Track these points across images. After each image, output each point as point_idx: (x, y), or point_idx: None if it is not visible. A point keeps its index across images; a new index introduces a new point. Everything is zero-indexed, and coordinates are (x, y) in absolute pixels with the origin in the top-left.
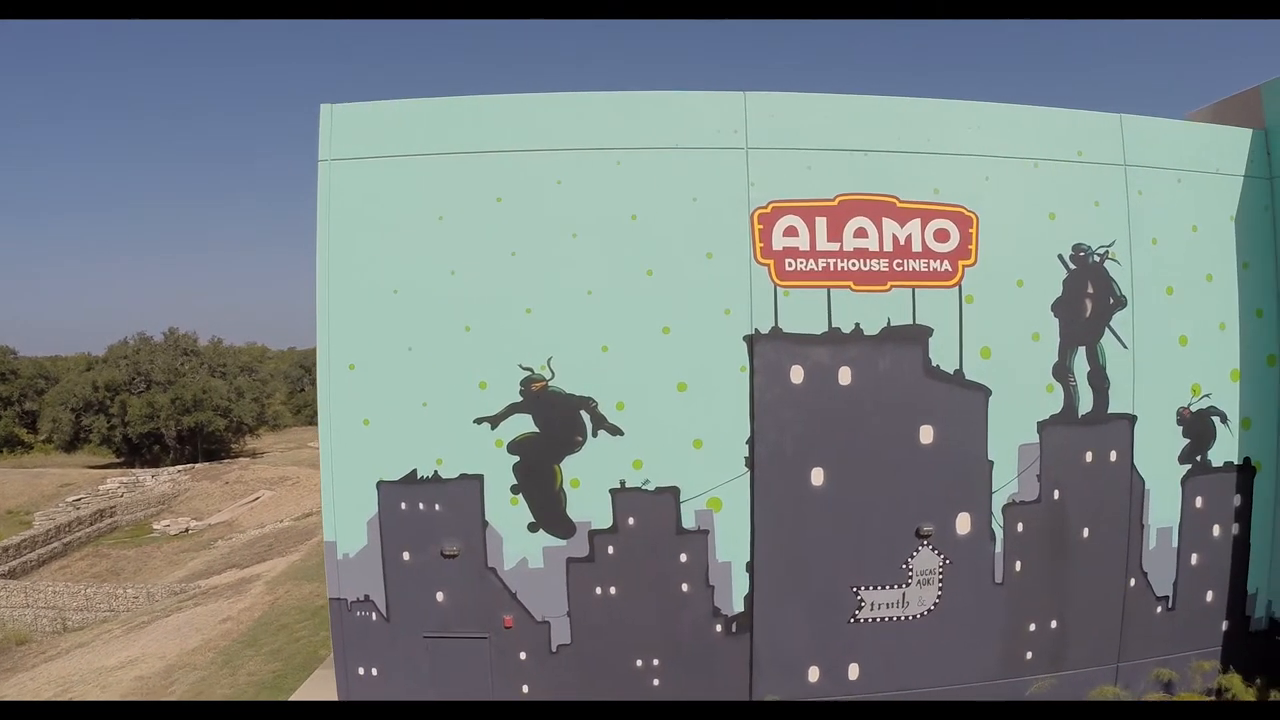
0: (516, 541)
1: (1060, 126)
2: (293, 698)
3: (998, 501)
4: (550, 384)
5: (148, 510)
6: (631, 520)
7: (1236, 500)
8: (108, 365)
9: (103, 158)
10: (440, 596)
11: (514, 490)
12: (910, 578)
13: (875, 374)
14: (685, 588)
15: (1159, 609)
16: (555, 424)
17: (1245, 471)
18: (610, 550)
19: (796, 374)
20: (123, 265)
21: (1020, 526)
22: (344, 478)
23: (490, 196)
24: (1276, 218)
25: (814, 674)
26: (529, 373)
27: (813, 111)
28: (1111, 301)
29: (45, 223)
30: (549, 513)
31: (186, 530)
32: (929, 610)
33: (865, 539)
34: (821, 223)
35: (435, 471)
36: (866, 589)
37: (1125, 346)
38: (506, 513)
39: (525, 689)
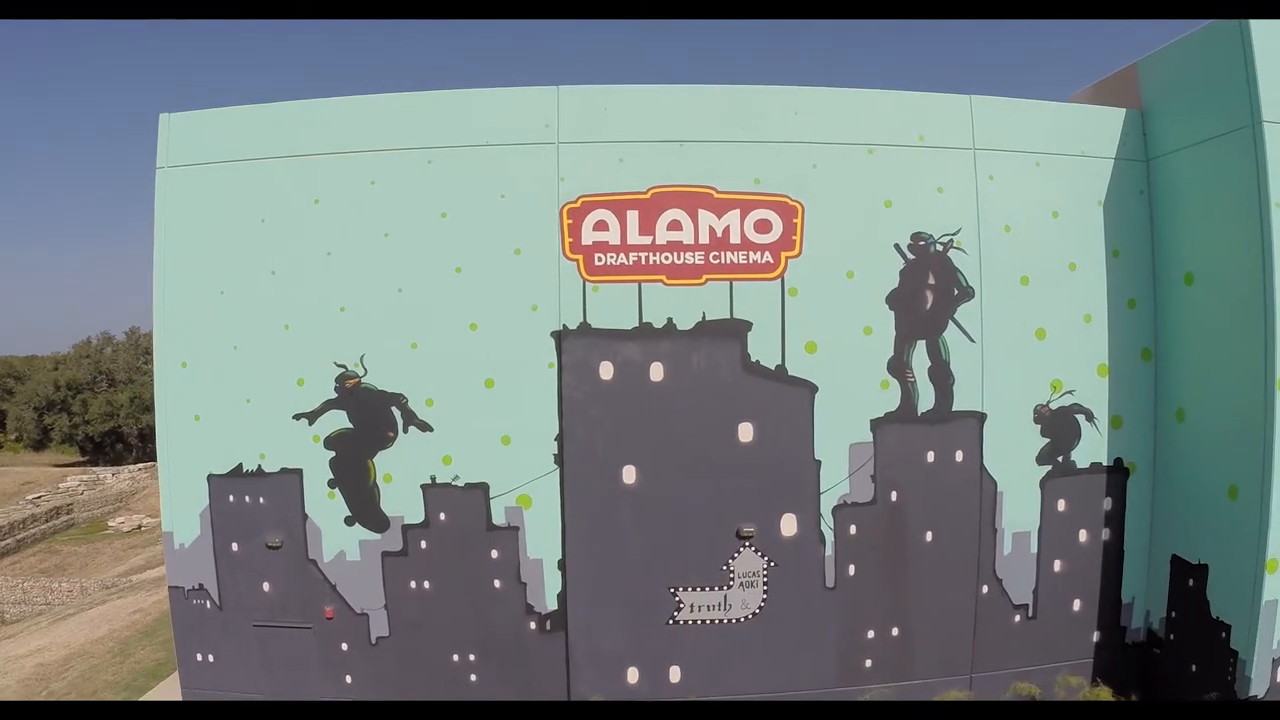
0: (335, 534)
1: (900, 110)
2: (159, 685)
3: (827, 503)
4: (363, 381)
5: (105, 508)
6: (443, 515)
7: (1107, 504)
8: (69, 364)
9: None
10: (267, 586)
11: (331, 484)
12: (732, 580)
13: (689, 370)
14: (498, 584)
15: (1017, 618)
16: (368, 420)
17: (1116, 473)
18: (423, 545)
19: (606, 370)
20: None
21: (853, 529)
22: (178, 471)
23: (309, 199)
24: (1153, 202)
25: (633, 675)
26: (343, 370)
27: (627, 103)
28: (956, 293)
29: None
30: (364, 507)
31: (139, 527)
32: (754, 614)
33: (682, 539)
34: (633, 216)
35: (259, 465)
36: (685, 590)
37: (972, 340)
38: (325, 506)
39: (348, 679)
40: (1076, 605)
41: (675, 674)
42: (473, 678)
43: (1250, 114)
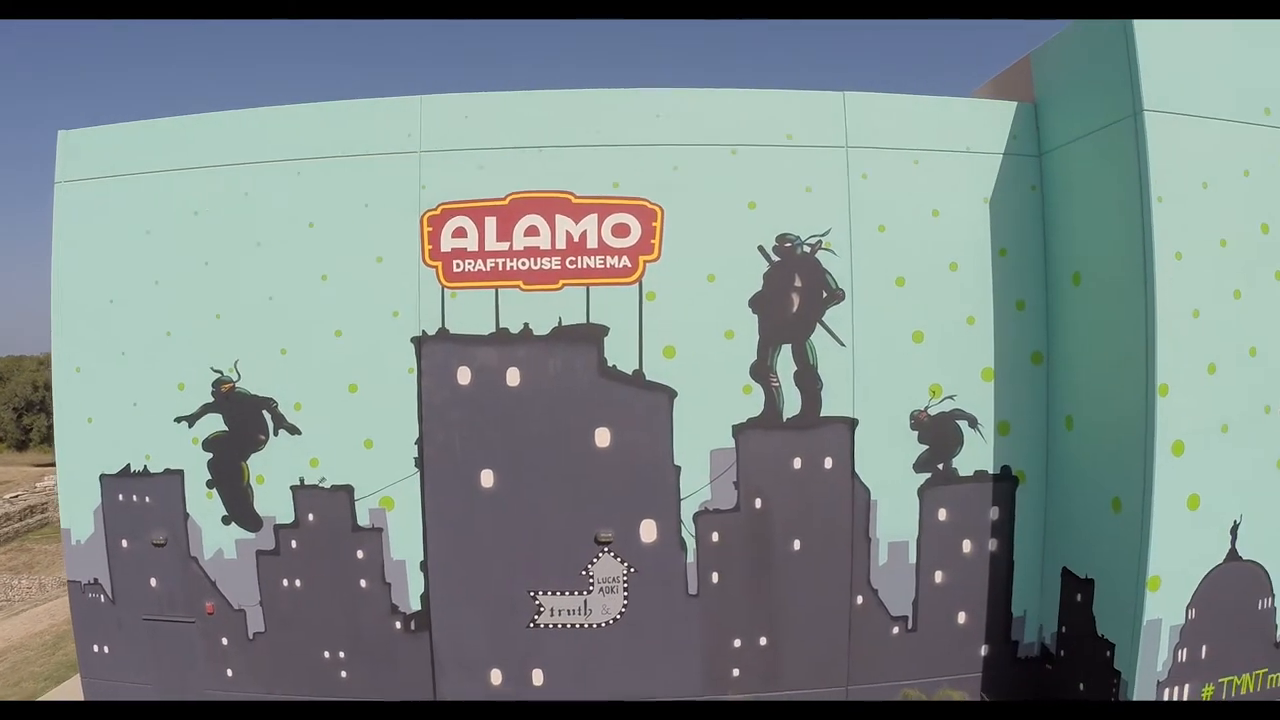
0: (213, 533)
1: (766, 109)
2: (75, 677)
3: (688, 509)
4: (237, 385)
5: None
6: (311, 516)
7: (994, 513)
8: (50, 364)
9: None
10: (154, 582)
11: (209, 485)
12: (592, 585)
13: (545, 375)
14: (364, 584)
15: (896, 629)
16: (241, 423)
17: (1004, 481)
18: (294, 544)
19: (464, 375)
20: None
21: (716, 536)
22: (74, 470)
23: (189, 210)
24: (1047, 198)
25: (496, 677)
26: (219, 375)
27: (488, 110)
28: (825, 295)
29: None
30: (238, 507)
31: None
32: (615, 619)
33: (540, 543)
34: (491, 222)
35: (145, 466)
36: (545, 594)
37: (842, 344)
38: (204, 506)
39: (229, 673)
40: (962, 618)
41: (538, 676)
42: (343, 674)
43: (1132, 103)
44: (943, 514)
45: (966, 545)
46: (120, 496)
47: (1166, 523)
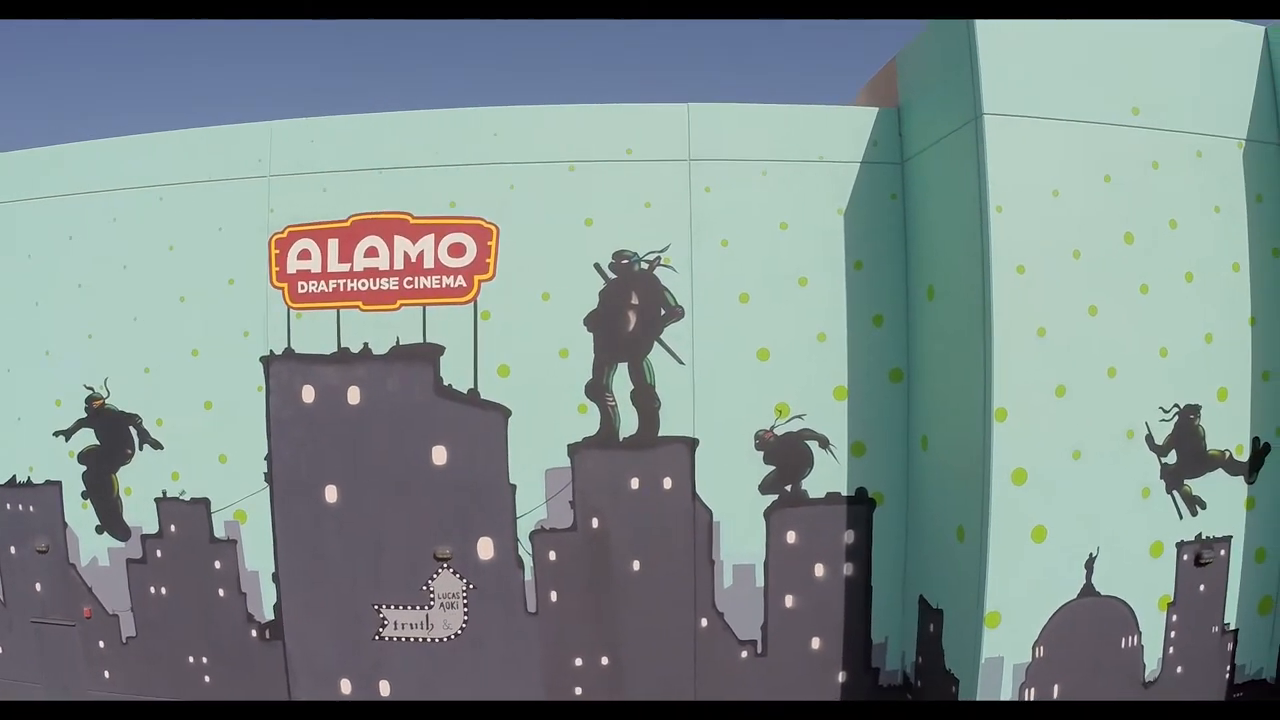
0: (89, 541)
1: (605, 124)
2: None
3: (524, 527)
4: (107, 402)
5: None
6: (173, 527)
7: (849, 537)
8: None
9: None
10: (39, 586)
11: (84, 496)
12: (433, 600)
13: (384, 393)
14: (222, 593)
15: (744, 654)
16: (111, 438)
17: (859, 504)
18: (159, 554)
19: (308, 393)
20: None
21: (552, 555)
22: None
23: (65, 235)
24: (909, 208)
25: (346, 686)
26: (91, 391)
27: (332, 133)
28: (664, 313)
29: None
30: (109, 517)
31: None
32: (456, 634)
33: (382, 558)
34: (334, 244)
35: (29, 477)
36: (388, 608)
37: (681, 362)
38: (80, 516)
39: (107, 675)
40: (816, 644)
41: (385, 688)
42: (207, 679)
43: (973, 107)
44: (792, 537)
45: (819, 569)
46: (8, 506)
47: (1007, 555)
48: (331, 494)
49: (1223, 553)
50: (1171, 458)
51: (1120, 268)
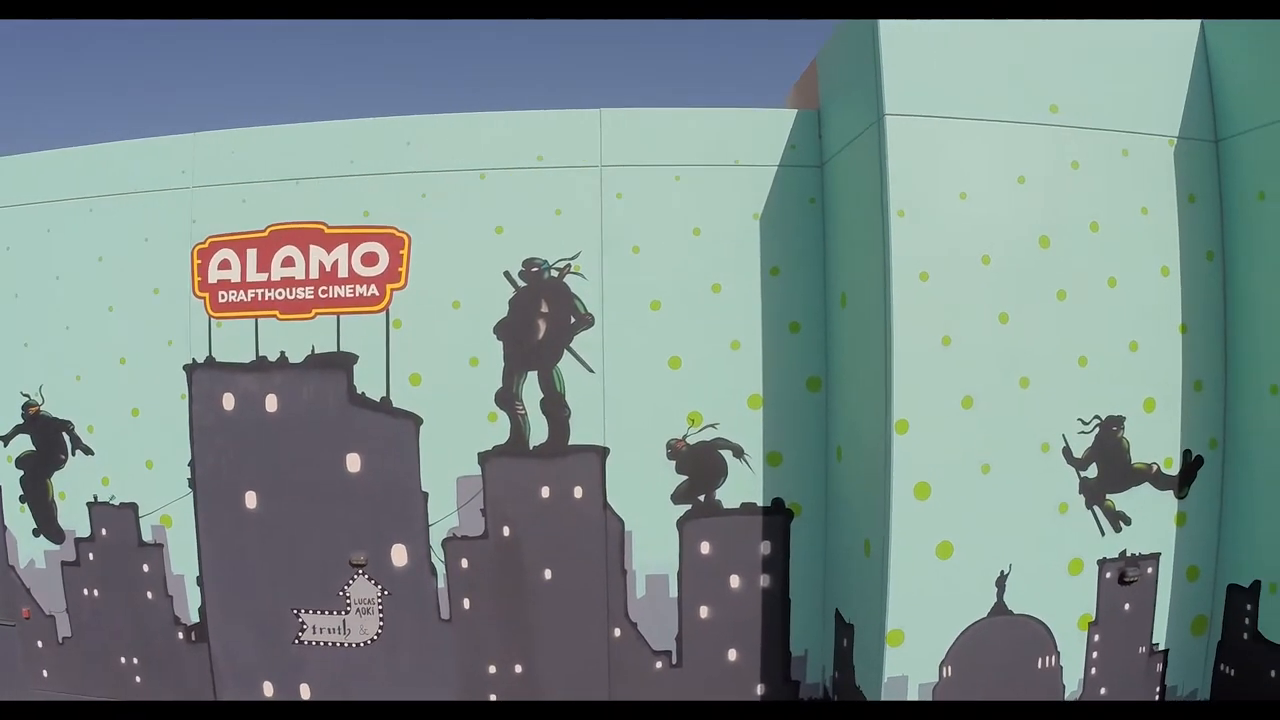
0: (26, 544)
1: (516, 131)
2: None
3: (436, 534)
4: (42, 409)
5: None
6: (104, 531)
7: (765, 548)
8: None
9: None
10: None
11: (21, 500)
12: (349, 605)
13: (300, 401)
14: (150, 595)
15: (659, 664)
16: (46, 444)
17: (776, 515)
18: (91, 557)
19: (228, 401)
20: None
21: (465, 563)
22: None
23: (3, 246)
24: (828, 212)
25: (269, 689)
26: (27, 398)
27: (252, 144)
28: (573, 320)
29: None
30: (45, 521)
31: None
32: (373, 639)
33: (300, 563)
34: (253, 254)
35: None
36: (306, 612)
37: (591, 371)
38: (19, 519)
39: (45, 674)
40: (733, 655)
41: (305, 691)
42: (137, 679)
43: (876, 108)
44: (706, 547)
45: (735, 580)
46: None
47: (909, 572)
48: (251, 500)
49: (1150, 570)
50: (1092, 471)
51: (1035, 273)
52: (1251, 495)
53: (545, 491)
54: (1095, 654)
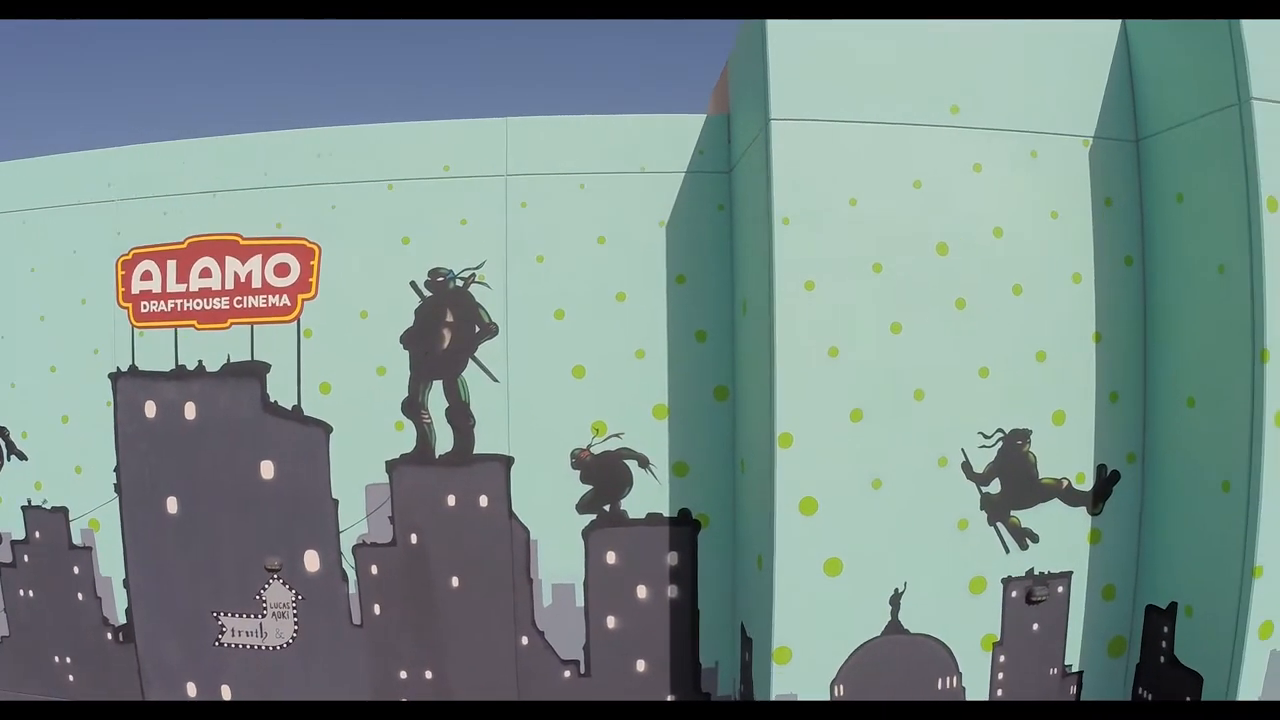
0: None
1: (424, 141)
2: None
3: (347, 541)
4: None
5: None
6: (38, 534)
7: (672, 559)
8: None
9: None
10: None
11: None
12: (265, 609)
13: (217, 409)
14: (80, 597)
15: (567, 673)
16: None
17: (682, 525)
18: (26, 558)
19: (150, 409)
20: None
21: (375, 569)
22: None
23: None
24: (736, 218)
25: (192, 689)
26: None
27: (171, 158)
28: (478, 330)
29: None
30: None
31: None
32: (288, 643)
33: (219, 567)
34: (172, 265)
35: None
36: (226, 615)
37: (496, 380)
38: None
39: None
40: (641, 666)
41: (226, 692)
42: (71, 678)
43: (764, 113)
44: (612, 557)
45: (642, 591)
46: None
47: (796, 588)
48: (173, 505)
49: (1060, 589)
50: (994, 487)
51: (931, 281)
52: (1168, 513)
53: (451, 500)
54: (1001, 675)
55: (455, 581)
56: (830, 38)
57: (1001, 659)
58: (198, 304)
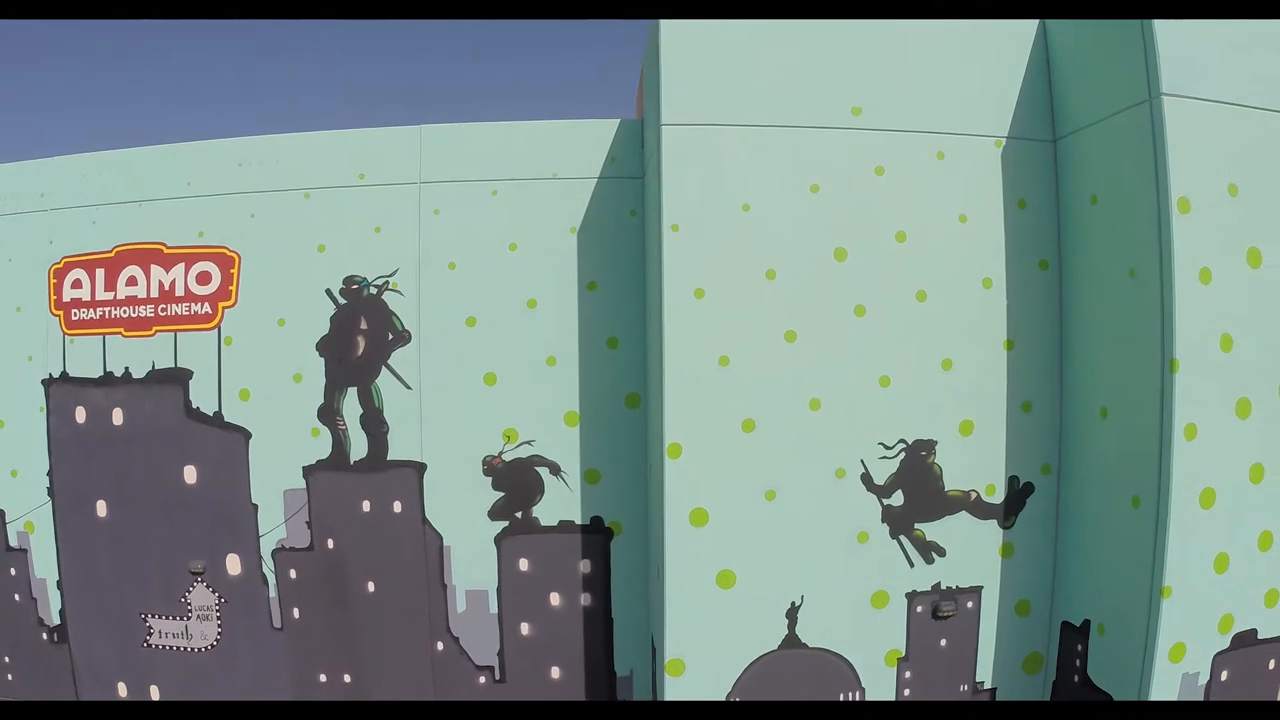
0: None
1: (340, 149)
2: None
3: (267, 545)
4: None
5: None
6: None
7: (584, 566)
8: None
9: None
10: None
11: None
12: (190, 611)
13: (143, 415)
14: (17, 598)
15: (483, 679)
16: None
17: (595, 533)
18: None
19: (80, 414)
20: None
21: (293, 573)
22: None
23: None
24: (649, 223)
25: (123, 689)
26: None
27: (101, 167)
28: (391, 337)
29: None
30: None
31: None
32: (213, 645)
33: (146, 570)
34: (101, 274)
35: None
36: (153, 617)
37: (409, 387)
38: None
39: None
40: (556, 673)
41: (155, 692)
42: (10, 677)
43: (658, 117)
44: (524, 564)
45: (555, 598)
46: None
47: (688, 600)
48: (102, 509)
49: (970, 604)
50: (897, 499)
51: (828, 288)
52: (1082, 528)
53: (366, 506)
54: (907, 691)
55: (371, 586)
56: (727, 39)
57: (907, 675)
58: (124, 311)
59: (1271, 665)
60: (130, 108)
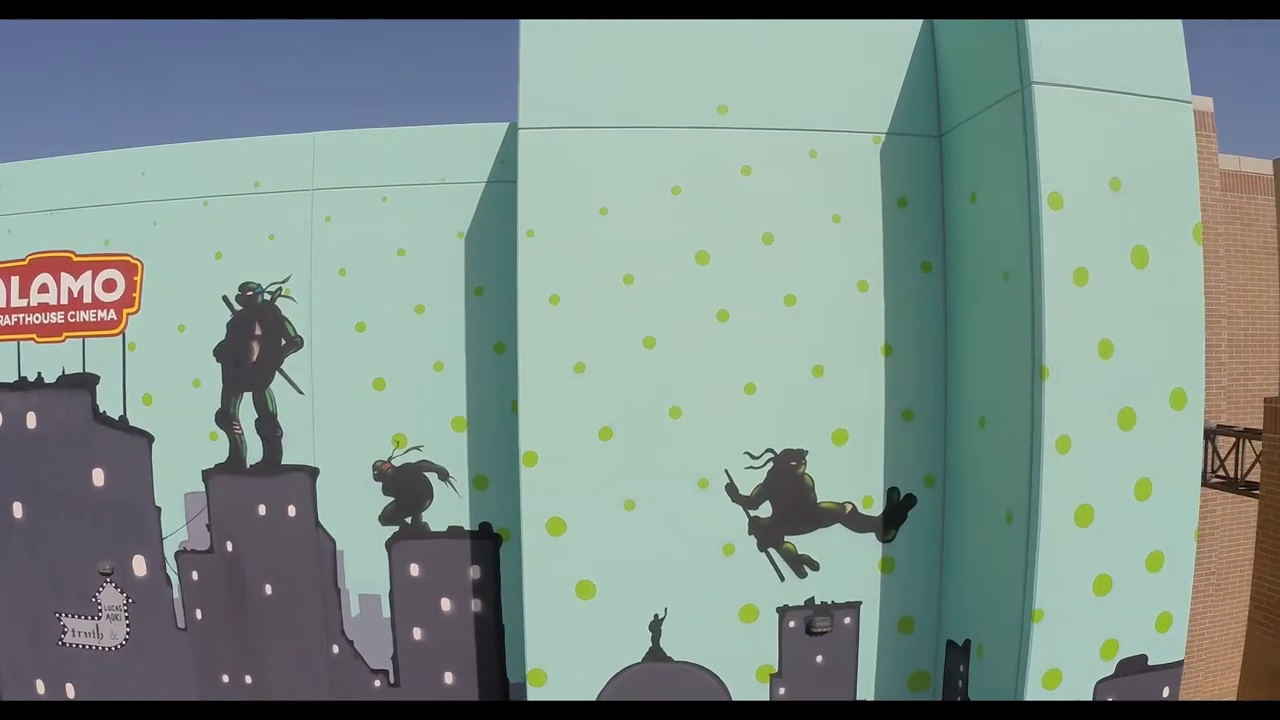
0: None
1: (236, 158)
2: None
3: (170, 547)
4: None
5: None
6: None
7: (474, 572)
8: None
9: None
10: None
11: None
12: (101, 611)
13: (55, 419)
14: None
15: (378, 683)
16: None
17: (484, 539)
18: None
19: None
20: None
21: (195, 575)
22: None
23: None
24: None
25: (40, 687)
26: None
27: (14, 178)
28: (284, 343)
29: None
30: None
31: None
32: (122, 644)
33: (60, 571)
34: (15, 281)
35: None
36: (67, 616)
37: (301, 392)
38: None
39: None
40: (449, 678)
41: (70, 690)
42: None
43: (518, 119)
44: (415, 569)
45: (446, 604)
46: None
47: (547, 611)
48: (18, 510)
49: (848, 620)
50: (765, 510)
51: (689, 293)
52: (963, 543)
53: (262, 509)
54: None
55: (269, 589)
56: (587, 40)
57: (781, 691)
58: (37, 318)
59: (1165, 693)
60: (39, 116)
